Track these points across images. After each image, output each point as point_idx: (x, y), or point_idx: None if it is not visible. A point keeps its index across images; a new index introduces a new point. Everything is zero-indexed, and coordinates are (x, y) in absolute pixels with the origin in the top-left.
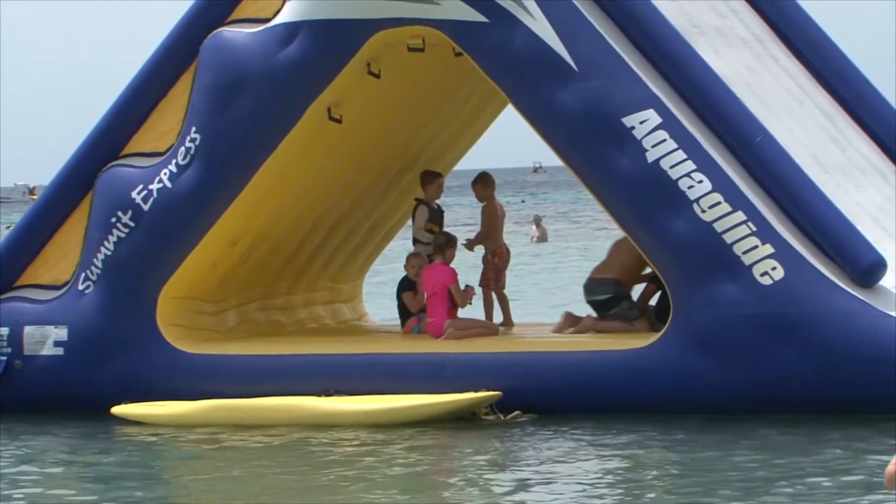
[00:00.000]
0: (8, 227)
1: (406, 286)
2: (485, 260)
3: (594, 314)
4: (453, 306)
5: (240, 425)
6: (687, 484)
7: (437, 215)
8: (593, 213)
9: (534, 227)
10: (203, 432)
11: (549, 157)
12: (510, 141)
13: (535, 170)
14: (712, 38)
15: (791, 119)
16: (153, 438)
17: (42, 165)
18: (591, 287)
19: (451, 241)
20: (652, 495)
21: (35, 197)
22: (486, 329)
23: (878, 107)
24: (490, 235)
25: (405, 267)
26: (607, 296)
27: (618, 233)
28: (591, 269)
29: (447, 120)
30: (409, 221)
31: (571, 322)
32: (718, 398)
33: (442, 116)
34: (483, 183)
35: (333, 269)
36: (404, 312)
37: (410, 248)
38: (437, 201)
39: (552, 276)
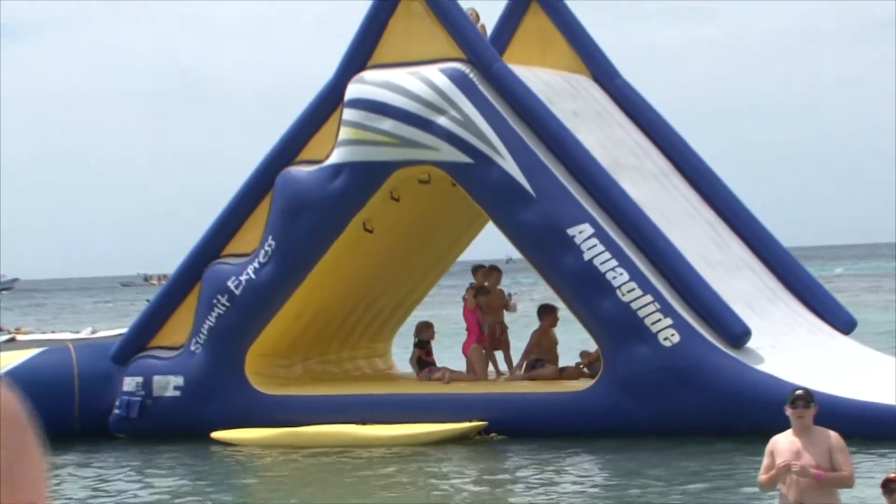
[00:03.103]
0: (146, 301)
1: (420, 346)
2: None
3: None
4: (481, 333)
5: (301, 446)
6: (611, 487)
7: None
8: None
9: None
10: (275, 451)
11: (517, 253)
12: (489, 240)
13: (507, 262)
14: (630, 172)
15: (685, 229)
16: (239, 456)
17: (154, 258)
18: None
19: (482, 290)
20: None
21: (153, 282)
22: (471, 377)
23: (748, 220)
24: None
25: (419, 334)
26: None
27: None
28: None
29: (448, 229)
30: (425, 297)
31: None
32: (635, 426)
33: (444, 227)
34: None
35: (370, 334)
36: (419, 365)
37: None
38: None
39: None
